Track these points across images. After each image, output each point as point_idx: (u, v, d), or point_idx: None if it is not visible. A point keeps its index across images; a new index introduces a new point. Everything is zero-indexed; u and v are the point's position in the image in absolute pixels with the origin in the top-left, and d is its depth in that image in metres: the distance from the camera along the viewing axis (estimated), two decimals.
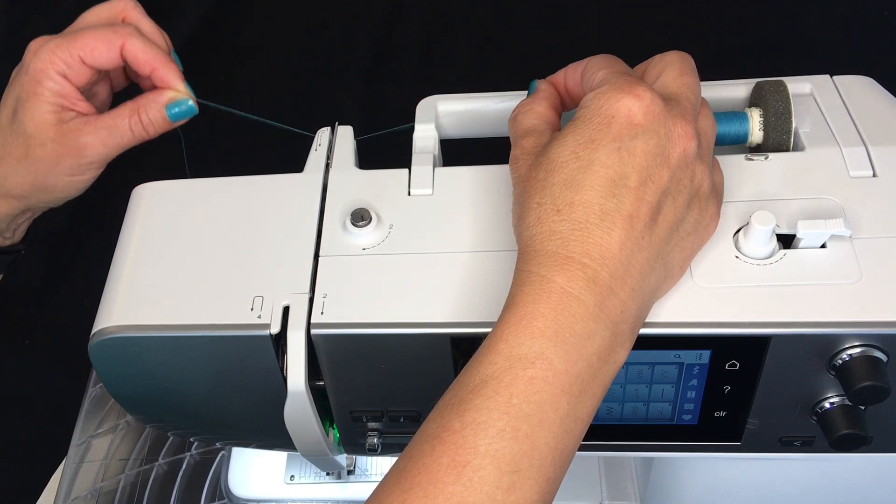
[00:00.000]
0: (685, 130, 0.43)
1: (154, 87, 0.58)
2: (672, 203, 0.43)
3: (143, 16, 0.59)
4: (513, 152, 0.47)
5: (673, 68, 0.46)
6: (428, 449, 0.39)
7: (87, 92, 0.59)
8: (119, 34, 0.55)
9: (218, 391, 0.51)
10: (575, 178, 0.42)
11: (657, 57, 0.48)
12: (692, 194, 0.44)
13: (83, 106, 0.57)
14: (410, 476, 0.39)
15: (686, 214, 0.44)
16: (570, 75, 0.50)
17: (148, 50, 0.56)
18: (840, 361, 0.44)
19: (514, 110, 0.49)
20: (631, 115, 0.42)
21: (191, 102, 0.57)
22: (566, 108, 0.51)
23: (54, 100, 0.56)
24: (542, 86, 0.51)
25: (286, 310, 0.47)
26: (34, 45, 0.56)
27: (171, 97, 0.57)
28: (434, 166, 0.53)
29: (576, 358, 0.40)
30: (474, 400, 0.40)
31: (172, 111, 0.57)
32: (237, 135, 1.05)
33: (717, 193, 0.46)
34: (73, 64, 0.55)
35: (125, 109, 0.57)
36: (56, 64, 0.55)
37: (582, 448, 0.44)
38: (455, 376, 0.48)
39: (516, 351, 0.40)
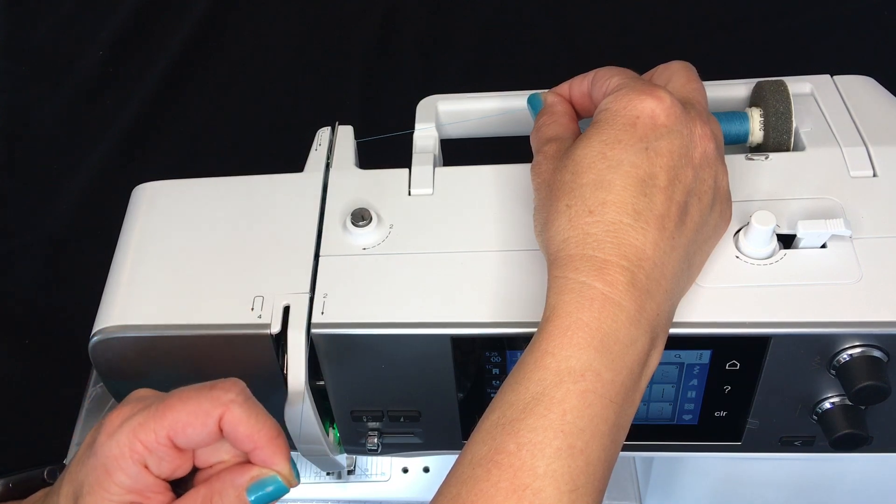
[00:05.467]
0: (704, 131, 0.43)
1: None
2: (698, 203, 0.43)
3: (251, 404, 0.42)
4: (535, 159, 0.47)
5: (680, 76, 0.47)
6: (483, 473, 0.38)
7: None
8: (219, 403, 0.40)
9: None
10: (605, 179, 0.42)
11: (661, 66, 0.48)
12: (714, 195, 0.44)
13: (159, 500, 0.42)
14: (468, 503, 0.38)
15: (709, 216, 0.44)
16: (575, 87, 0.50)
17: (252, 422, 0.40)
18: (840, 361, 0.44)
19: (536, 123, 0.49)
20: (654, 115, 0.42)
21: (280, 481, 0.41)
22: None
23: (124, 497, 0.41)
24: (556, 99, 0.50)
25: (286, 310, 0.47)
26: (114, 419, 0.41)
27: (254, 476, 0.41)
28: (434, 166, 0.53)
29: (620, 366, 0.40)
30: (527, 419, 0.39)
31: (256, 495, 0.41)
32: (237, 134, 1.05)
33: (729, 195, 0.46)
34: (159, 448, 0.40)
35: (196, 498, 0.41)
36: (136, 450, 0.40)
37: None
38: (455, 376, 0.48)
39: (564, 364, 0.39)
